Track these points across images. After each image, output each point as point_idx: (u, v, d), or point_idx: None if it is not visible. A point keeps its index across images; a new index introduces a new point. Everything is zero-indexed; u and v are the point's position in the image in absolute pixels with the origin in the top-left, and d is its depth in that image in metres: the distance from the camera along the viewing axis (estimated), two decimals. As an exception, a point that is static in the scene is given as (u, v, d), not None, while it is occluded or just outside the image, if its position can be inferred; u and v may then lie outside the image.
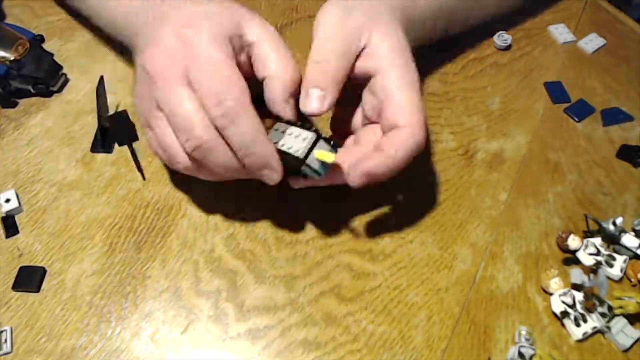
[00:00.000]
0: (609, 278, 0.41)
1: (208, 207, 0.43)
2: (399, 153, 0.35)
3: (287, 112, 0.36)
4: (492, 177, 0.46)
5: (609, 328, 0.38)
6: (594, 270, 0.41)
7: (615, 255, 0.41)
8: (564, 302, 0.39)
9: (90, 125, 0.47)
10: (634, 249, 0.42)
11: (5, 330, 0.37)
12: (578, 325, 0.38)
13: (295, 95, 0.37)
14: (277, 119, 0.37)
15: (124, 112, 0.46)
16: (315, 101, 0.36)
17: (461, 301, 0.40)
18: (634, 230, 0.43)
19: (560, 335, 0.39)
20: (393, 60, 0.37)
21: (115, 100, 0.48)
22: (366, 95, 0.39)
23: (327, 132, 0.44)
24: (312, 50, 0.37)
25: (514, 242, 0.43)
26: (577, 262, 0.42)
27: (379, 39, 0.37)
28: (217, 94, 0.32)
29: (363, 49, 0.37)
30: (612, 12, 0.60)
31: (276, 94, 0.36)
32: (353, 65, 0.37)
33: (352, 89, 0.39)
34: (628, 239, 0.42)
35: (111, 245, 0.41)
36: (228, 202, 0.43)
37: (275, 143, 0.36)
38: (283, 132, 0.37)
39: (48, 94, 0.48)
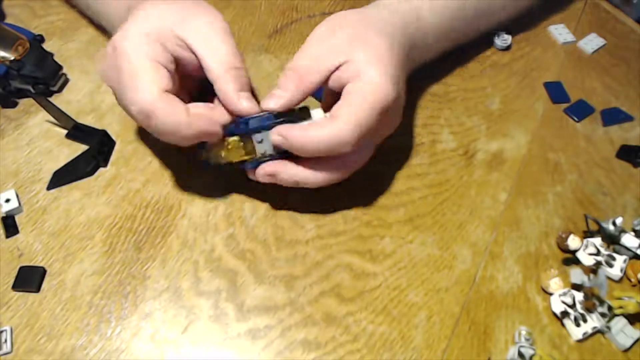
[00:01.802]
0: (609, 278, 0.41)
1: (208, 207, 0.43)
2: (312, 136, 0.37)
3: (243, 105, 0.37)
4: (492, 177, 0.46)
5: (609, 328, 0.38)
6: (594, 270, 0.41)
7: (615, 255, 0.41)
8: (564, 302, 0.39)
9: (90, 125, 0.47)
10: (634, 249, 0.42)
11: (5, 330, 0.37)
12: (578, 325, 0.38)
13: (247, 89, 0.38)
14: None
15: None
16: (271, 99, 0.38)
17: (461, 301, 0.40)
18: (634, 230, 0.43)
19: (560, 335, 0.39)
20: (363, 73, 0.38)
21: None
22: None
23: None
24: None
25: (514, 242, 0.43)
26: (577, 262, 0.42)
27: (358, 55, 0.38)
28: (130, 99, 0.35)
29: (343, 63, 0.38)
30: (612, 12, 0.60)
31: (224, 91, 0.37)
32: (329, 77, 0.39)
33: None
34: (628, 239, 0.42)
35: (111, 245, 0.41)
36: (228, 202, 0.43)
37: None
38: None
39: (48, 94, 0.48)
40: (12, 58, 0.46)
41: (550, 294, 0.40)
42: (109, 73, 0.37)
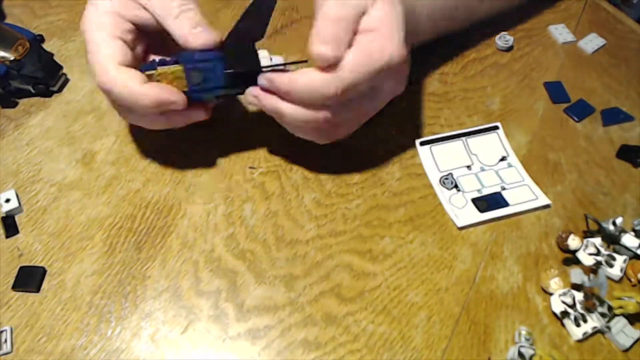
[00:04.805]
0: (609, 278, 0.41)
1: (208, 207, 0.43)
2: (299, 83, 0.37)
3: (198, 37, 0.38)
4: (492, 177, 0.46)
5: (609, 328, 0.38)
6: (594, 270, 0.41)
7: (615, 255, 0.41)
8: (564, 302, 0.39)
9: (90, 125, 0.47)
10: (634, 249, 0.42)
11: (5, 330, 0.37)
12: (578, 325, 0.38)
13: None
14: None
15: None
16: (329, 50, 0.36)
17: (461, 301, 0.40)
18: (634, 230, 0.43)
19: (560, 335, 0.39)
20: (377, 28, 0.37)
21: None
22: None
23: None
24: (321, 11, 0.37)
25: (514, 242, 0.43)
26: (577, 262, 0.42)
27: (376, 8, 0.38)
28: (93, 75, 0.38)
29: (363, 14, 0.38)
30: (612, 12, 0.60)
31: (182, 27, 0.38)
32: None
33: None
34: (628, 239, 0.42)
35: (111, 245, 0.41)
36: (228, 202, 0.43)
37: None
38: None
39: (48, 94, 0.49)
40: (12, 58, 0.46)
41: (550, 294, 0.40)
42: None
